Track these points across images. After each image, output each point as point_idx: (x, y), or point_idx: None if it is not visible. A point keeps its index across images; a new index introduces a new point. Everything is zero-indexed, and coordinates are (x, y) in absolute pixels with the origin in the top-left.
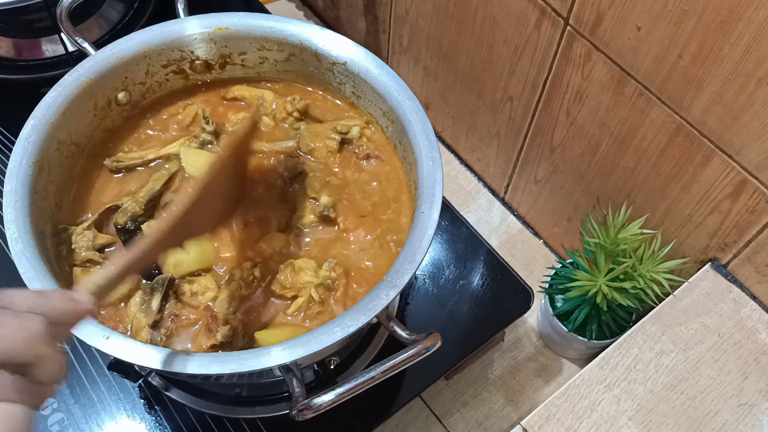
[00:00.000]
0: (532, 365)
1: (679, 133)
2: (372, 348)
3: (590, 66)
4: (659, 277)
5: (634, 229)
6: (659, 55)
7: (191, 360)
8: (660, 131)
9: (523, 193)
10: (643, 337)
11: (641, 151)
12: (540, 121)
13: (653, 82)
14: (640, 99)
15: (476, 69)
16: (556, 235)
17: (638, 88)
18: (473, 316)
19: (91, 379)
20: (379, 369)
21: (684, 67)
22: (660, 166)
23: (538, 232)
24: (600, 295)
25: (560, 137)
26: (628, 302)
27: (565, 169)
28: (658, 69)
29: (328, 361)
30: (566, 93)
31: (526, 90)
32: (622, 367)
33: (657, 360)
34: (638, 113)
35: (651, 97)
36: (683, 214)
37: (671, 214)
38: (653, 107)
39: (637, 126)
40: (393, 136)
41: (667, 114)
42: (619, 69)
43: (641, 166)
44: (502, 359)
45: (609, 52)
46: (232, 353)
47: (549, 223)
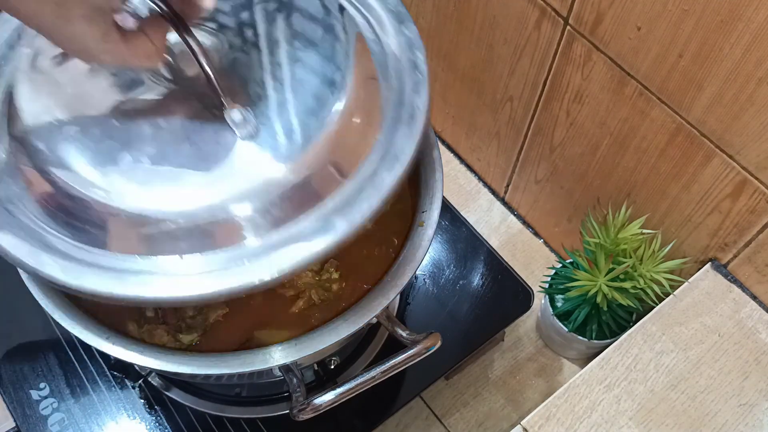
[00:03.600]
0: (532, 365)
1: (679, 133)
2: (372, 348)
3: (590, 66)
4: (659, 277)
5: (634, 229)
6: (659, 55)
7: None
8: (660, 131)
9: (524, 193)
10: (644, 337)
11: (641, 151)
12: (540, 121)
13: (653, 82)
14: (640, 99)
15: (476, 69)
16: (557, 235)
17: (638, 88)
18: (473, 316)
19: (92, 379)
20: (379, 369)
21: (684, 66)
22: (660, 166)
23: (538, 232)
24: (600, 295)
25: (560, 137)
26: (628, 302)
27: (565, 169)
28: (659, 69)
29: (328, 361)
30: (566, 93)
31: (526, 90)
32: (622, 367)
33: (657, 360)
34: (638, 113)
35: (651, 97)
36: (683, 214)
37: (671, 214)
38: (653, 107)
39: (638, 126)
40: None
41: (667, 114)
42: (619, 69)
43: (641, 166)
44: (503, 359)
45: (609, 52)
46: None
47: (549, 223)
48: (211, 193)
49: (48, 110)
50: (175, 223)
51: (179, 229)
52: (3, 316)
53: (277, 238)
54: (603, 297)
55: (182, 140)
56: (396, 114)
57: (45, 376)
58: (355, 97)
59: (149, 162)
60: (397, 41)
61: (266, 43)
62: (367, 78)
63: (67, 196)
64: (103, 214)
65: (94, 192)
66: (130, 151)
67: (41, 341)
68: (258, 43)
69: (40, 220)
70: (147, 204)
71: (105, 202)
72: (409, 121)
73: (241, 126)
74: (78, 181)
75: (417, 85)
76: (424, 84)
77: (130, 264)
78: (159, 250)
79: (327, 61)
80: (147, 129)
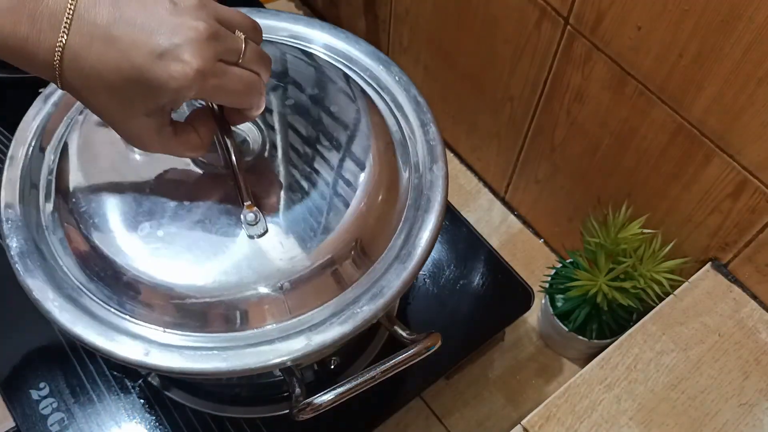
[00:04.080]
0: (532, 365)
1: (680, 133)
2: (372, 348)
3: (590, 65)
4: (659, 277)
5: (634, 228)
6: (660, 55)
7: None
8: (660, 131)
9: (524, 193)
10: (644, 337)
11: (642, 151)
12: (540, 121)
13: (654, 81)
14: (640, 99)
15: (477, 69)
16: (557, 235)
17: (639, 88)
18: (473, 316)
19: (91, 379)
20: (379, 369)
21: (684, 66)
22: (661, 166)
23: (538, 232)
24: (600, 294)
25: (561, 137)
26: (629, 302)
27: (565, 168)
28: (659, 69)
29: (329, 361)
30: (567, 92)
31: (526, 90)
32: (622, 367)
33: (657, 360)
34: (639, 113)
35: (651, 96)
36: (684, 214)
37: (672, 214)
38: (654, 107)
39: (638, 126)
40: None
41: (667, 114)
42: (619, 68)
43: (642, 166)
44: (503, 359)
45: (609, 51)
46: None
47: (550, 223)
48: (201, 276)
49: (93, 168)
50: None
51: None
52: (2, 316)
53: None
54: (603, 297)
55: (197, 223)
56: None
57: (44, 376)
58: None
59: (164, 235)
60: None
61: (291, 144)
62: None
63: (98, 257)
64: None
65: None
66: (151, 222)
67: (41, 341)
68: (283, 143)
69: (74, 276)
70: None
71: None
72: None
73: (251, 227)
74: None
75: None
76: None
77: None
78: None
79: (351, 173)
80: (171, 204)
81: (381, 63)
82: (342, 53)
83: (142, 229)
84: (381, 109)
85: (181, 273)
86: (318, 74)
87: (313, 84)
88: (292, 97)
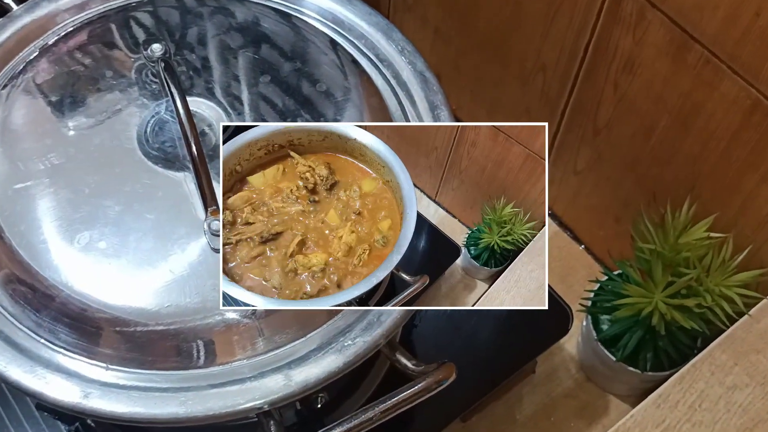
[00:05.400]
0: (571, 403)
1: (756, 111)
2: (369, 381)
3: (644, 27)
4: (731, 293)
5: (699, 231)
6: (730, 14)
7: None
8: (732, 108)
9: (560, 187)
10: (711, 368)
11: (708, 133)
12: (581, 97)
13: (723, 47)
14: (706, 68)
15: (500, 31)
16: (601, 240)
17: (704, 55)
18: (496, 342)
19: (16, 421)
20: (379, 408)
21: (762, 27)
22: (732, 152)
23: (578, 236)
24: (656, 315)
25: (606, 116)
26: (692, 324)
27: (612, 156)
28: (730, 31)
29: (314, 399)
30: (613, 61)
31: (562, 57)
32: (684, 406)
33: (728, 396)
34: (704, 86)
35: (720, 65)
36: (762, 213)
37: (746, 213)
38: (723, 78)
39: (703, 102)
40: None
41: (740, 87)
42: (679, 30)
43: (708, 153)
44: (534, 395)
45: (667, 9)
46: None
47: (592, 225)
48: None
49: (17, 156)
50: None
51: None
52: None
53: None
54: (660, 317)
55: (148, 232)
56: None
57: None
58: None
59: (107, 247)
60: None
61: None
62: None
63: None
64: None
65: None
66: (90, 230)
67: None
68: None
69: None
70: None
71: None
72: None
73: (216, 238)
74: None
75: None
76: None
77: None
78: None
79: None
80: (116, 208)
81: (379, 29)
82: (330, 15)
83: (79, 240)
84: (379, 88)
85: (128, 294)
86: (299, 43)
87: (292, 56)
88: (265, 72)
